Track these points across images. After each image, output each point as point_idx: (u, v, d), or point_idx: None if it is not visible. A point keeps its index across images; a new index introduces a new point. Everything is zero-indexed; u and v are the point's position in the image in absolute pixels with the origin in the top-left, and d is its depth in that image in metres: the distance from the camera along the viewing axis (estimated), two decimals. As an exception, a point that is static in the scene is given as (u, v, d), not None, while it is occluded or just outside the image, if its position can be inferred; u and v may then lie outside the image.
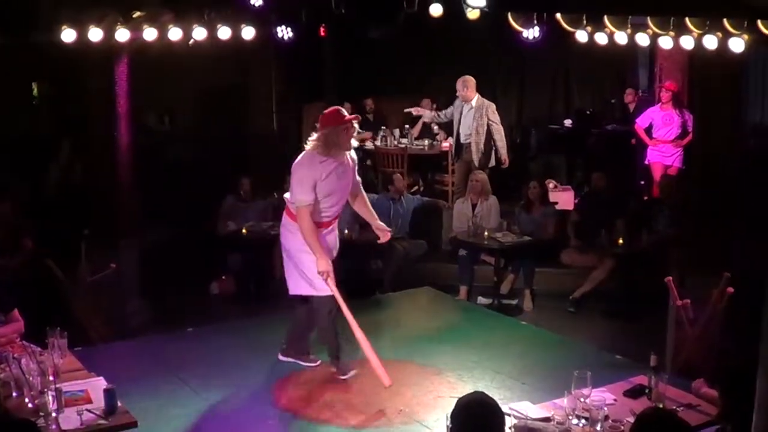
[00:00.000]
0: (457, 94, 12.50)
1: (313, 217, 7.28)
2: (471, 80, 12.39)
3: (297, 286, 7.60)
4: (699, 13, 8.23)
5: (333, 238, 7.64)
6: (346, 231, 11.34)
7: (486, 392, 4.71)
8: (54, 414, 5.52)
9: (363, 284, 10.78)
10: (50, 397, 5.57)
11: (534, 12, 9.36)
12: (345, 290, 11.12)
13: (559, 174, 14.52)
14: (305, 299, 7.67)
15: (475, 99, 12.37)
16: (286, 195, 7.56)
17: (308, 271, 7.42)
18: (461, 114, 12.54)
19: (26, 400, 5.64)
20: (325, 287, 7.39)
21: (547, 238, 11.50)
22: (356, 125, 7.48)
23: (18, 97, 13.43)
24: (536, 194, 11.93)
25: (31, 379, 5.73)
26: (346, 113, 7.42)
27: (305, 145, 7.49)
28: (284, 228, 7.59)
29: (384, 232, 7.93)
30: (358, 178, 7.81)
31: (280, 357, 7.94)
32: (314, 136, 7.39)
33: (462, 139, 12.62)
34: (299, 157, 7.43)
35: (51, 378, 5.80)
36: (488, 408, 4.45)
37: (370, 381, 7.47)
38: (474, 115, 12.35)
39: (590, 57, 11.20)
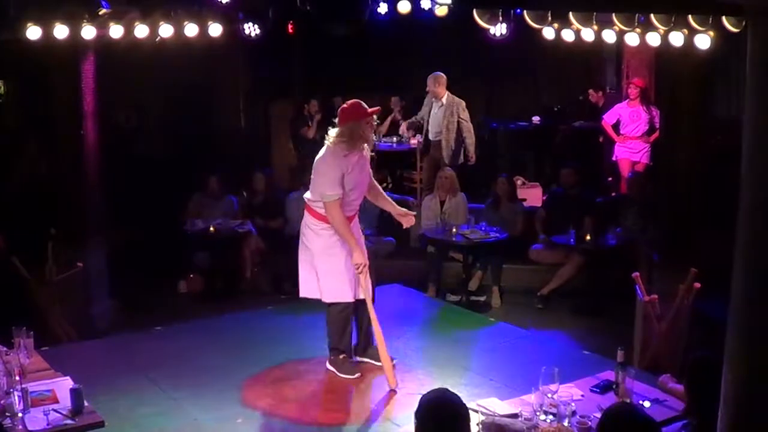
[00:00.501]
0: (427, 89, 12.53)
1: None
2: (442, 77, 12.44)
3: (311, 289, 7.58)
4: (663, 10, 8.28)
5: (357, 231, 7.60)
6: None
7: (454, 389, 4.72)
8: (20, 414, 5.49)
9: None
10: (16, 397, 5.53)
11: (496, 8, 9.37)
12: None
13: (527, 171, 14.57)
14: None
15: (446, 96, 12.41)
16: (307, 195, 7.51)
17: (326, 274, 7.42)
18: (431, 111, 12.57)
19: (-8, 400, 5.61)
20: (337, 293, 7.41)
21: (515, 235, 11.54)
22: (375, 118, 7.45)
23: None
24: (504, 191, 11.97)
25: (-4, 379, 5.70)
26: (366, 106, 7.37)
27: (326, 141, 7.37)
28: (307, 228, 7.49)
29: (407, 217, 7.90)
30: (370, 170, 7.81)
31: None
32: (335, 131, 7.30)
33: (431, 136, 12.66)
34: (321, 154, 7.36)
35: (17, 378, 5.76)
36: (450, 404, 4.46)
37: (340, 379, 7.48)
38: (444, 112, 12.39)
39: (558, 54, 11.25)
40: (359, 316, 7.66)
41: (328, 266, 7.40)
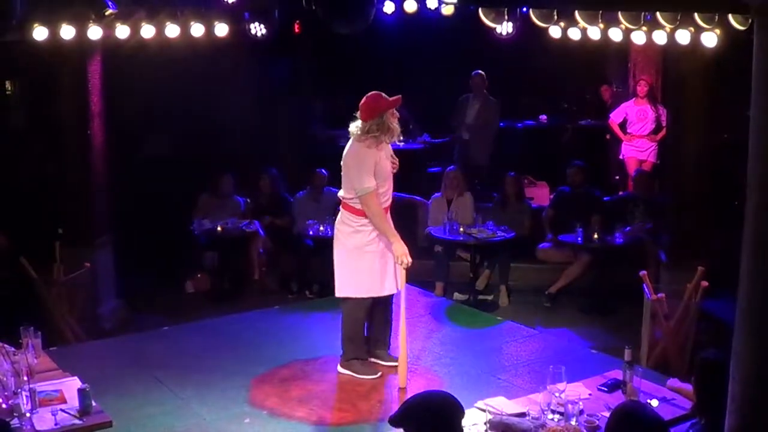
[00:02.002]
0: (474, 86, 13.39)
1: None
2: (483, 75, 13.20)
3: (344, 287, 7.51)
4: (669, 8, 8.27)
5: (391, 224, 7.51)
6: (321, 228, 11.37)
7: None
8: (28, 414, 5.50)
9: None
10: (24, 398, 5.54)
11: (502, 7, 9.36)
12: (321, 288, 11.28)
13: (535, 170, 14.53)
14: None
15: (483, 95, 12.75)
16: (341, 193, 7.47)
17: (358, 271, 7.39)
18: (466, 111, 12.94)
19: (0, 400, 5.61)
20: (365, 290, 7.40)
21: (522, 234, 11.52)
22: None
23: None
24: (512, 190, 11.96)
25: (4, 379, 5.71)
26: (387, 96, 7.29)
27: (351, 137, 7.32)
28: (344, 225, 7.43)
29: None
30: None
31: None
32: (360, 125, 7.23)
33: (468, 135, 13.04)
34: (349, 149, 7.32)
35: (25, 378, 5.77)
36: (439, 403, 4.48)
37: (347, 378, 7.48)
38: (479, 111, 12.70)
39: (565, 52, 11.24)
40: (371, 317, 7.65)
41: (363, 262, 7.38)
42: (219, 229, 11.49)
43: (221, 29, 9.88)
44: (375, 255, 7.37)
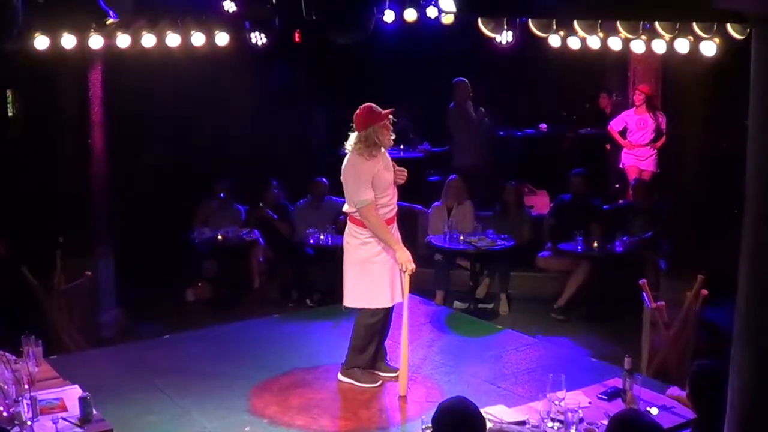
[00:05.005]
0: (459, 94, 13.34)
1: None
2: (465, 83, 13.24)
3: (353, 299, 7.54)
4: (667, 18, 8.28)
5: (397, 232, 7.56)
6: (321, 237, 11.38)
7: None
8: (29, 422, 5.51)
9: (339, 290, 10.78)
10: (25, 406, 5.55)
11: (501, 17, 9.38)
12: (321, 297, 11.28)
13: (534, 178, 14.54)
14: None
15: (469, 104, 12.90)
16: (345, 207, 7.50)
17: (370, 282, 7.41)
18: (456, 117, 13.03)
19: (1, 408, 5.62)
20: (378, 301, 7.42)
21: (522, 242, 11.52)
22: (392, 118, 7.39)
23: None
24: (512, 198, 11.96)
25: (5, 387, 5.72)
26: (379, 108, 7.32)
27: (347, 149, 7.34)
28: (352, 237, 7.45)
29: (401, 173, 7.66)
30: None
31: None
32: (354, 137, 7.27)
33: (457, 142, 13.07)
34: (347, 162, 7.34)
35: (26, 386, 5.79)
36: (467, 412, 4.48)
37: (348, 387, 7.49)
38: (467, 118, 12.74)
39: (565, 61, 11.25)
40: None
41: (372, 274, 7.40)
42: (219, 237, 11.50)
43: (222, 38, 9.90)
44: (383, 266, 7.38)
